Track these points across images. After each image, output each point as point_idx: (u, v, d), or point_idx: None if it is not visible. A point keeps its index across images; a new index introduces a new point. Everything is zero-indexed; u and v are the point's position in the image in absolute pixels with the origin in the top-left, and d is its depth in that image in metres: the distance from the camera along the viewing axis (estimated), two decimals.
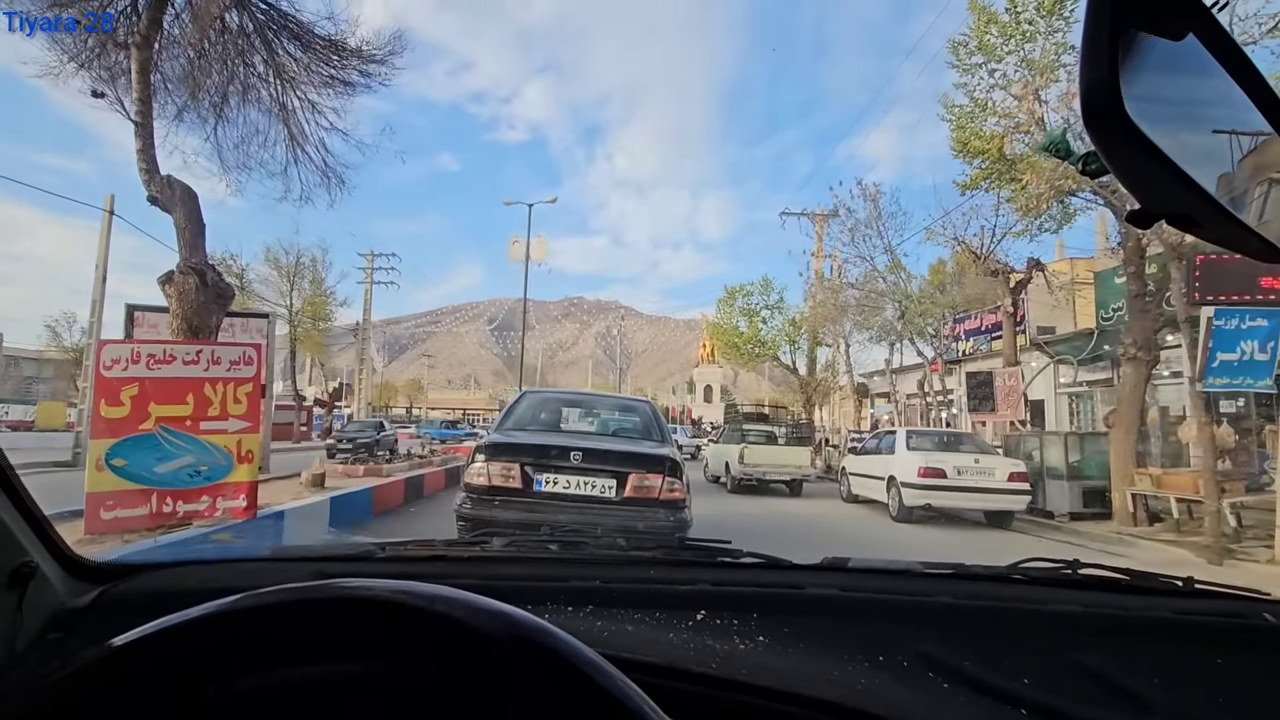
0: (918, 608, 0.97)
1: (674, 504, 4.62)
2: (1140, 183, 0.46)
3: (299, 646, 0.46)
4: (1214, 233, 0.49)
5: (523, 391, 6.75)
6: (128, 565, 1.02)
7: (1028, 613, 0.99)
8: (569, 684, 0.40)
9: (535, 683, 0.41)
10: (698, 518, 4.98)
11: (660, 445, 5.27)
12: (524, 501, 4.51)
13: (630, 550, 1.26)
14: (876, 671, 0.80)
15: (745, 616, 0.91)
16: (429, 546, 1.21)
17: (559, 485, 4.57)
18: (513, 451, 4.68)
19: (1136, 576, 1.12)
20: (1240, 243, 0.50)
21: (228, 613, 0.46)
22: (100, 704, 0.43)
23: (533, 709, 0.41)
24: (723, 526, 7.94)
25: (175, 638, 0.45)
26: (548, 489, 4.56)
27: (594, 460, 4.60)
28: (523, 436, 5.16)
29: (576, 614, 0.90)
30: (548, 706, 0.40)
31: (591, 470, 4.58)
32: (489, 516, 4.39)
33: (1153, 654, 0.88)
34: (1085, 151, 0.66)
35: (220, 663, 0.45)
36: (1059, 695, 0.76)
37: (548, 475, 4.57)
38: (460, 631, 0.43)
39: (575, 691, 0.40)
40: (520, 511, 4.41)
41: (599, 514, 4.44)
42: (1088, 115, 0.42)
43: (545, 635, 0.43)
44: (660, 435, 5.63)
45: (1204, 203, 0.45)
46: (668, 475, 4.64)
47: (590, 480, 4.58)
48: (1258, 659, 0.90)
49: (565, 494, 4.56)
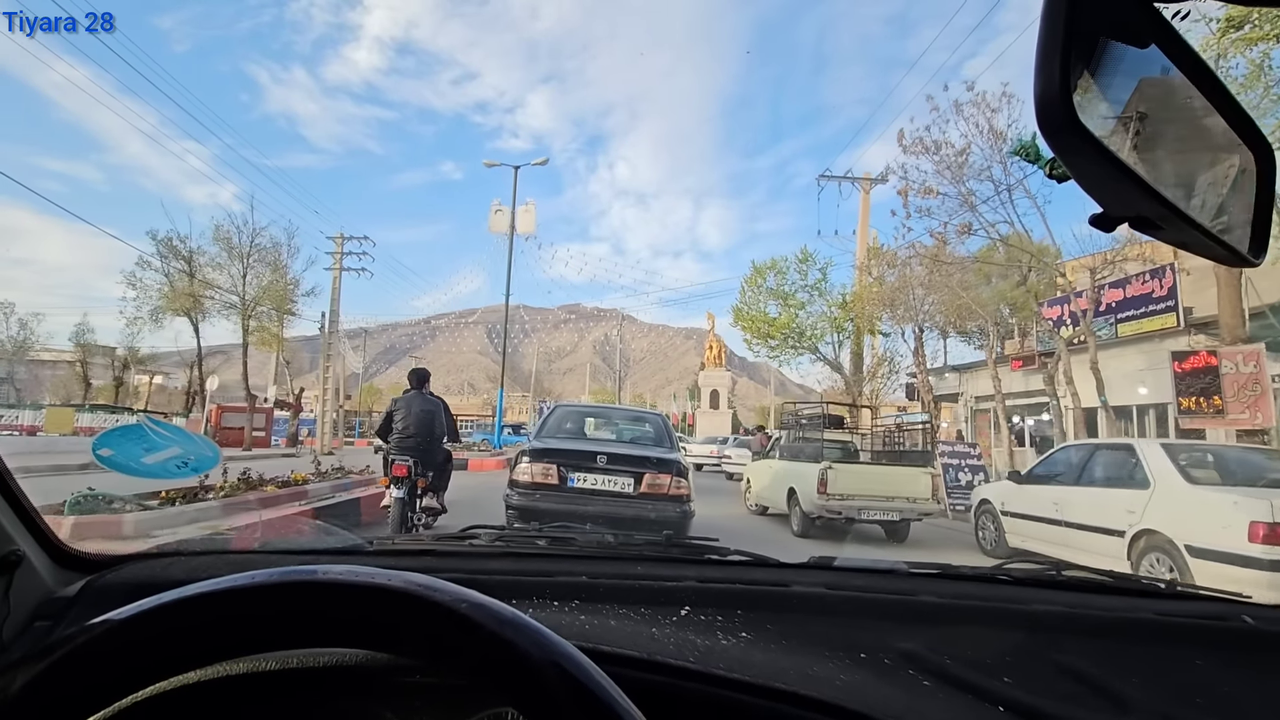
0: (902, 606, 0.97)
1: (680, 498, 5.77)
2: (1098, 188, 0.46)
3: (296, 630, 0.46)
4: (1175, 237, 0.49)
5: (555, 405, 8.47)
6: (115, 556, 1.04)
7: (1011, 612, 0.99)
8: (541, 675, 0.42)
9: (510, 674, 0.43)
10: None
11: (669, 451, 6.42)
12: (561, 494, 5.68)
13: (618, 547, 1.29)
14: (857, 668, 0.80)
15: (729, 613, 0.92)
16: (417, 541, 1.35)
17: (588, 482, 5.72)
18: (552, 455, 5.85)
19: (1119, 578, 1.19)
20: (1203, 248, 0.50)
21: (223, 592, 0.45)
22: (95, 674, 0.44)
23: (505, 696, 0.43)
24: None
25: (168, 615, 0.45)
26: (579, 485, 5.71)
27: (616, 463, 5.79)
28: (559, 442, 6.31)
29: (562, 609, 0.90)
30: (521, 694, 0.42)
31: (614, 470, 5.74)
32: (533, 506, 5.55)
33: (1134, 655, 0.89)
34: (1052, 156, 0.62)
35: (213, 643, 0.46)
36: (1039, 694, 0.76)
37: (579, 474, 5.73)
38: (452, 621, 0.44)
39: (546, 682, 0.42)
40: (558, 503, 5.59)
41: (620, 505, 5.60)
42: (1042, 123, 0.42)
43: (521, 628, 0.44)
44: (670, 443, 6.83)
45: (1163, 208, 0.46)
46: (675, 475, 5.82)
47: (613, 478, 5.73)
48: (1237, 660, 0.90)
49: (593, 489, 5.71)
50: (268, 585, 0.46)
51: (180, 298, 29.78)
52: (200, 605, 0.45)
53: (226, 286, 30.82)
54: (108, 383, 50.00)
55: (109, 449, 3.75)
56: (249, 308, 30.87)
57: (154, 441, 3.86)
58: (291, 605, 0.45)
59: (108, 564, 0.99)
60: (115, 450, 3.78)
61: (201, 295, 30.36)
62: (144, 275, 30.42)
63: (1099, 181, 0.45)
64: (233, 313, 31.19)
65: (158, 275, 30.91)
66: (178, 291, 30.08)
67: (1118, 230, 0.50)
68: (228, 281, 30.81)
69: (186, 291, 29.80)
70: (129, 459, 3.78)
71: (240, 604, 0.45)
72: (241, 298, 30.86)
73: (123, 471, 3.82)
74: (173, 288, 30.45)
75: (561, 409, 7.69)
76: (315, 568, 0.47)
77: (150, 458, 3.83)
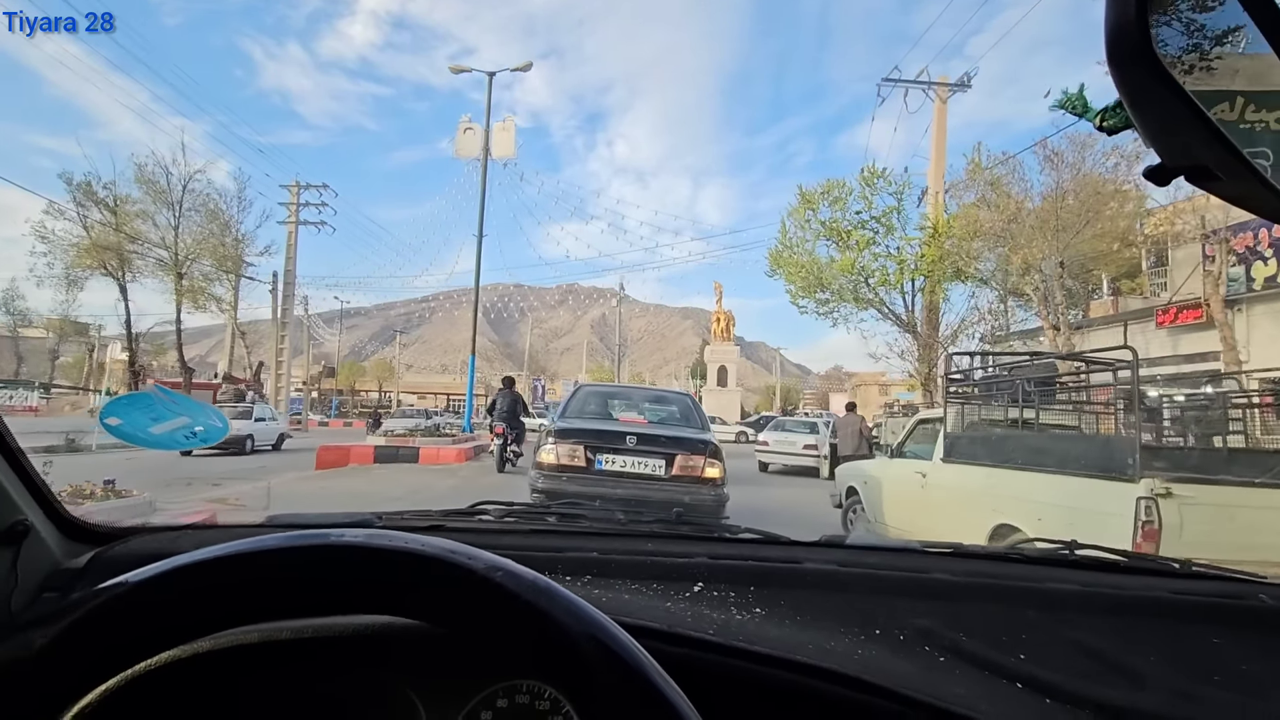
0: (915, 584, 0.97)
1: (714, 481, 5.28)
2: (1162, 132, 0.44)
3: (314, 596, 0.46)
4: (1233, 189, 0.47)
5: (579, 385, 7.83)
6: (124, 528, 1.03)
7: (1025, 591, 0.98)
8: (577, 647, 0.41)
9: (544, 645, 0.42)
10: None
11: (701, 431, 5.96)
12: (588, 477, 5.28)
13: (628, 524, 1.27)
14: (873, 643, 0.80)
15: (742, 589, 0.91)
16: (426, 516, 1.23)
17: (616, 464, 5.30)
18: (578, 436, 5.46)
19: (1133, 558, 1.18)
20: (1259, 202, 0.48)
21: (239, 555, 0.44)
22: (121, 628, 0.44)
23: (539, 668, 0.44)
24: None
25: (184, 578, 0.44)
26: (607, 467, 5.31)
27: (647, 444, 5.36)
28: (585, 423, 5.96)
29: (574, 584, 0.89)
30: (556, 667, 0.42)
31: (644, 452, 5.32)
32: (559, 490, 5.12)
33: (1149, 633, 0.89)
34: (1103, 107, 0.64)
35: (228, 608, 0.45)
36: (1055, 670, 0.76)
37: (607, 456, 5.32)
38: (487, 589, 0.43)
39: (582, 655, 0.41)
40: (585, 485, 5.19)
41: (651, 489, 5.12)
42: (1113, 54, 0.40)
43: (557, 598, 0.43)
44: (700, 423, 6.37)
45: (1227, 154, 0.43)
46: (709, 457, 5.34)
47: (643, 460, 5.30)
48: (1253, 638, 0.90)
49: (622, 471, 5.29)
50: (284, 549, 0.44)
51: (95, 252, 24.68)
52: (217, 568, 0.44)
53: (155, 240, 25.79)
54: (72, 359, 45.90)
55: (117, 418, 3.48)
56: (182, 264, 25.91)
57: (161, 411, 3.61)
58: (309, 571, 0.44)
59: (116, 536, 0.99)
60: (123, 420, 3.49)
61: (127, 250, 25.35)
62: (56, 227, 25.04)
63: (1161, 125, 0.43)
64: (168, 272, 26.23)
65: (74, 226, 25.45)
66: (96, 245, 24.98)
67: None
68: (158, 236, 25.75)
69: (103, 245, 24.71)
70: (137, 428, 3.47)
71: (257, 568, 0.44)
72: (175, 253, 25.92)
73: (131, 441, 3.56)
74: (93, 242, 25.27)
75: (586, 389, 7.29)
76: (329, 531, 0.45)
77: (159, 427, 3.55)
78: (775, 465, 16.08)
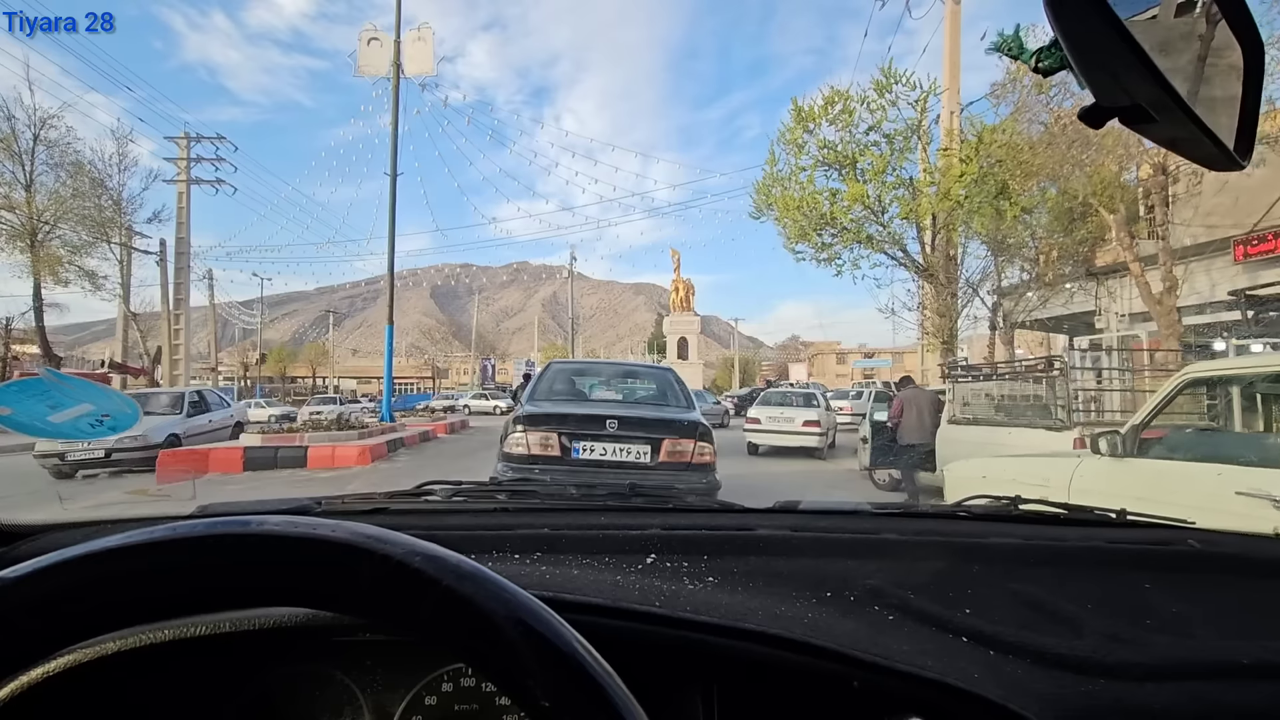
0: (866, 545, 0.98)
1: (705, 467, 4.74)
2: (1099, 70, 0.44)
3: (226, 588, 0.42)
4: (1168, 131, 0.47)
5: (550, 362, 6.46)
6: (33, 525, 0.98)
7: (969, 546, 1.00)
8: (502, 633, 0.40)
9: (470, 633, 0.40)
10: None
11: (688, 410, 5.33)
12: (564, 468, 4.56)
13: (580, 498, 1.26)
14: (823, 606, 0.80)
15: (695, 559, 0.91)
16: (369, 500, 1.20)
17: (596, 452, 4.63)
18: (550, 421, 4.73)
19: (1073, 509, 1.19)
20: (1194, 146, 0.48)
21: (137, 545, 0.39)
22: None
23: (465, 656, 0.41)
24: None
25: (70, 572, 0.39)
26: (585, 456, 4.62)
27: (629, 428, 4.68)
28: (558, 406, 5.19)
29: (523, 561, 0.88)
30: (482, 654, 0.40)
31: (627, 437, 4.66)
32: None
33: (1086, 581, 0.91)
34: (1039, 47, 0.63)
35: (129, 605, 0.40)
36: (998, 623, 0.77)
37: (585, 443, 4.64)
38: (405, 575, 0.40)
39: (508, 641, 0.40)
40: (561, 479, 4.31)
41: (636, 479, 3.64)
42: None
43: (482, 581, 0.41)
44: (686, 400, 5.66)
45: (1164, 94, 0.43)
46: (699, 440, 4.76)
47: (626, 447, 4.66)
48: (1184, 581, 0.93)
49: (603, 460, 4.61)
50: (190, 538, 0.40)
51: None
52: (109, 560, 0.39)
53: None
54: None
55: (8, 407, 2.94)
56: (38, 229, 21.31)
57: (59, 398, 3.04)
58: (219, 560, 0.40)
59: (22, 535, 0.95)
60: (15, 408, 2.95)
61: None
62: None
63: (1098, 63, 0.43)
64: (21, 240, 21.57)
65: None
66: None
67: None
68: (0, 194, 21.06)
69: None
70: (32, 417, 2.94)
71: (158, 558, 0.40)
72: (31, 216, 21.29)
73: (27, 432, 2.96)
74: None
75: (556, 366, 6.17)
76: (249, 518, 0.41)
77: (57, 415, 3.04)
78: (767, 446, 13.46)
